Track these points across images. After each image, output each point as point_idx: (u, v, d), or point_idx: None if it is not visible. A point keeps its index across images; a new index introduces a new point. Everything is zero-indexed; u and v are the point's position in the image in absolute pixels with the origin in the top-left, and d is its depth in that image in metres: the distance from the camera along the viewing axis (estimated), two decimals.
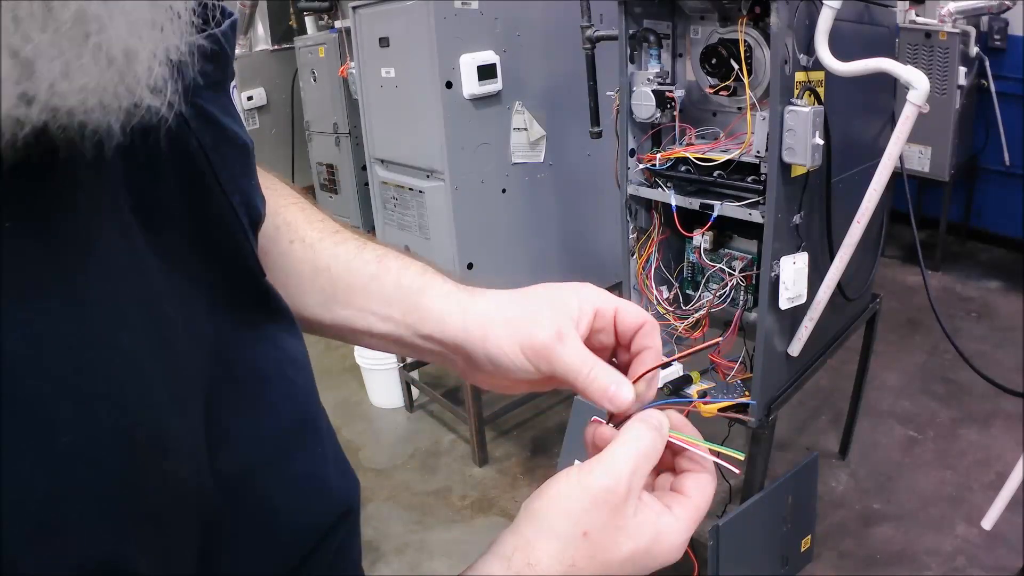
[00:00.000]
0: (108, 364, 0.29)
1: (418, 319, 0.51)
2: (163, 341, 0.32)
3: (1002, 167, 3.74)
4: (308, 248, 0.54)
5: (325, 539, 0.44)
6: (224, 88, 0.41)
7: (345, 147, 3.31)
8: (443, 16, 2.00)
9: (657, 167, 1.60)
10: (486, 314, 0.49)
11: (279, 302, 0.44)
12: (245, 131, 0.43)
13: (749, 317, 1.62)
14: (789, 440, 2.53)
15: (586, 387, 0.46)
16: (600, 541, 0.40)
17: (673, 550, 0.43)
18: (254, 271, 0.41)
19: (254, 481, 0.39)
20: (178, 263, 0.35)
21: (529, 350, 0.47)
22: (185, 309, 0.35)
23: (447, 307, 0.50)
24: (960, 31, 3.30)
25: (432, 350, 0.52)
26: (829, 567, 1.99)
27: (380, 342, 0.54)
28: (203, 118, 0.38)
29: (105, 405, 0.29)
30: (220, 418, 0.36)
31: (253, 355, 0.41)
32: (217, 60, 0.39)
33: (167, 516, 0.32)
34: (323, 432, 0.46)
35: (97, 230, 0.30)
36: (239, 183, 0.40)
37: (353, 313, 0.53)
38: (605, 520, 0.40)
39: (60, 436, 0.27)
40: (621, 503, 0.41)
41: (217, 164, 0.38)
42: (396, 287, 0.52)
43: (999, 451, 2.39)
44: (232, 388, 0.38)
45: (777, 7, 1.31)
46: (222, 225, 0.39)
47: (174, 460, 0.32)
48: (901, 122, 1.30)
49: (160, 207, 0.34)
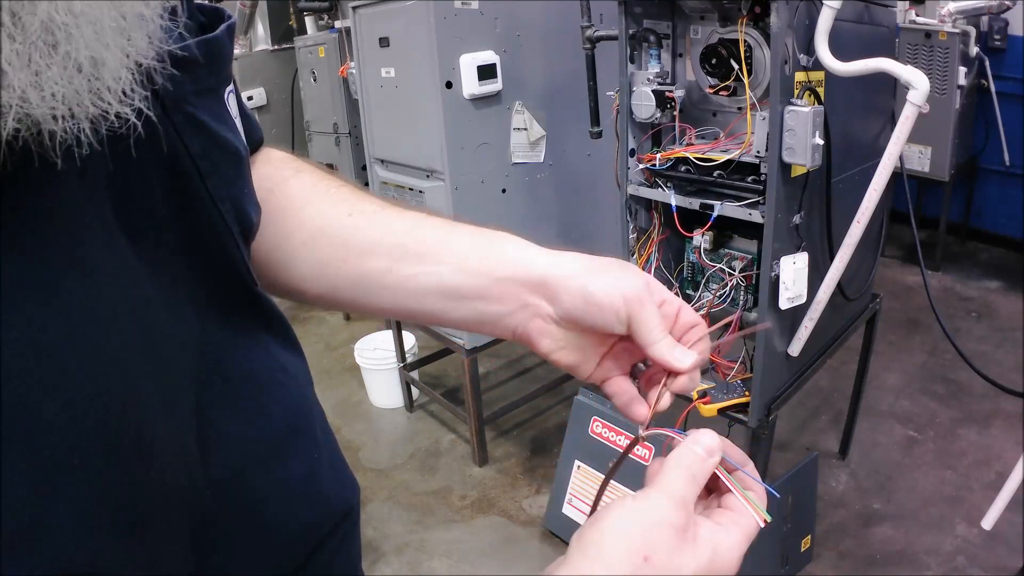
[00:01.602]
0: (93, 368, 0.29)
1: (496, 263, 0.51)
2: (149, 345, 0.32)
3: (1002, 167, 3.74)
4: (369, 216, 0.54)
5: (323, 542, 0.44)
6: (218, 94, 0.41)
7: (345, 147, 3.31)
8: (443, 16, 2.00)
9: (657, 167, 1.60)
10: (579, 259, 0.50)
11: (271, 310, 0.44)
12: (240, 137, 0.43)
13: (749, 317, 1.62)
14: (789, 440, 2.53)
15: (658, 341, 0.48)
16: (663, 564, 0.39)
17: (731, 565, 0.42)
18: (244, 278, 0.41)
19: (245, 484, 0.39)
20: (166, 269, 0.35)
21: (631, 293, 0.48)
22: (173, 314, 0.35)
23: (530, 253, 0.51)
24: (960, 31, 3.30)
25: (502, 297, 0.51)
26: (829, 567, 1.99)
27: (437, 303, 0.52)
28: (193, 125, 0.37)
29: (90, 408, 0.29)
30: (212, 421, 0.36)
31: (243, 360, 0.41)
32: (211, 64, 0.38)
33: (155, 518, 0.32)
34: (318, 438, 0.46)
35: (80, 237, 0.30)
36: (230, 190, 0.40)
37: (422, 271, 0.52)
38: (666, 543, 0.40)
39: (45, 439, 0.27)
40: (681, 525, 0.40)
41: (206, 171, 0.38)
42: (473, 236, 0.52)
43: (999, 451, 2.39)
44: (223, 391, 0.38)
45: (777, 7, 1.31)
46: (211, 232, 0.39)
47: (161, 462, 0.32)
48: (901, 122, 1.30)
49: (146, 214, 0.34)
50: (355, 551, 0.49)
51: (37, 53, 0.25)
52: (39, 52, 0.25)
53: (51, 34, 0.26)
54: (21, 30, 0.25)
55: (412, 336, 2.86)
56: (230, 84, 0.43)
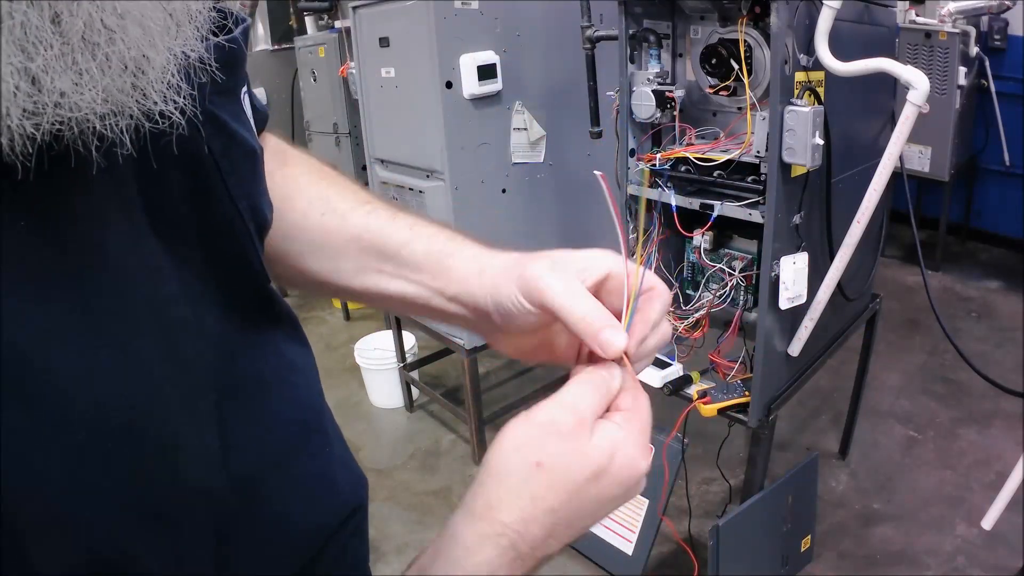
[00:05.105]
0: (119, 365, 0.29)
1: (445, 282, 0.51)
2: (173, 344, 0.33)
3: (1002, 167, 3.74)
4: (341, 218, 0.55)
5: (334, 537, 0.44)
6: (235, 94, 0.42)
7: (345, 147, 3.31)
8: (443, 16, 2.00)
9: (657, 167, 1.60)
10: (497, 267, 0.49)
11: (282, 307, 0.44)
12: (255, 137, 0.44)
13: (749, 317, 1.62)
14: (789, 440, 2.53)
15: (576, 323, 0.43)
16: (556, 467, 0.39)
17: (633, 462, 0.41)
18: (259, 276, 0.42)
19: (264, 483, 0.39)
20: (187, 266, 0.35)
21: (521, 283, 0.45)
22: (193, 312, 0.35)
23: (471, 268, 0.51)
24: (960, 31, 3.30)
25: (459, 314, 0.52)
26: (829, 567, 1.99)
27: (411, 307, 0.54)
28: (214, 124, 0.38)
29: (116, 405, 0.29)
30: (227, 420, 0.37)
31: (259, 359, 0.41)
32: (229, 66, 0.39)
33: (178, 516, 0.32)
34: (330, 434, 0.46)
35: (108, 234, 0.30)
36: (247, 189, 0.41)
37: (386, 279, 0.54)
38: (558, 448, 0.39)
39: (74, 433, 0.27)
40: (572, 430, 0.40)
41: (226, 170, 0.38)
42: (427, 253, 0.52)
43: (999, 451, 2.38)
44: (238, 391, 0.39)
45: (777, 7, 1.31)
46: (229, 230, 0.39)
47: (184, 461, 0.32)
48: (901, 122, 1.30)
49: (170, 212, 0.35)
50: (364, 547, 0.49)
51: (80, 56, 0.25)
52: (81, 55, 0.26)
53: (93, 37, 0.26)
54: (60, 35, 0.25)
55: (412, 336, 2.86)
56: (245, 85, 0.44)
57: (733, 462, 2.24)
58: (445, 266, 0.51)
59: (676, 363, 1.70)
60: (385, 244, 0.53)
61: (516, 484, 0.39)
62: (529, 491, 0.39)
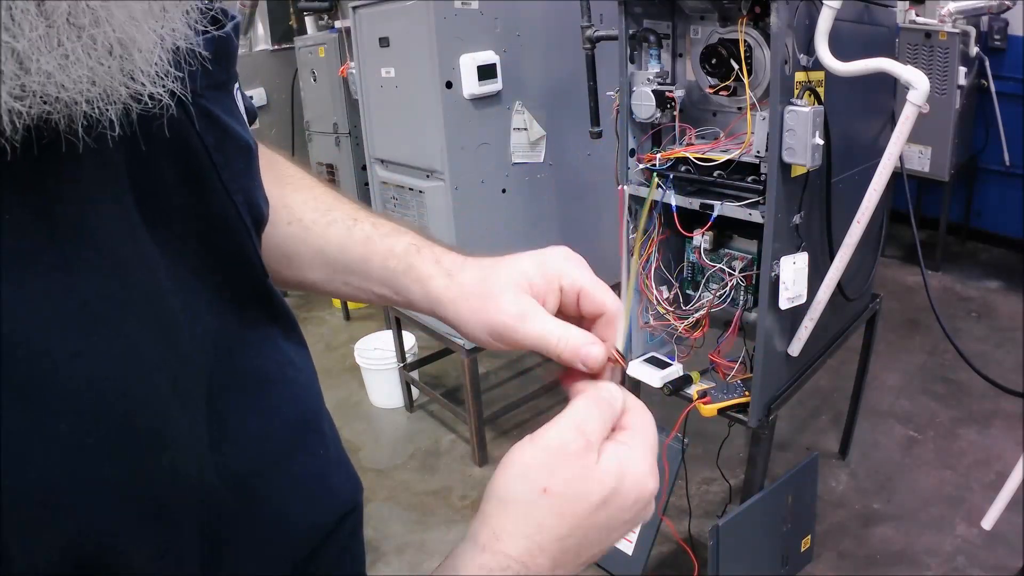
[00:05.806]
0: (109, 351, 0.29)
1: (407, 299, 0.53)
2: (166, 333, 0.33)
3: (1002, 167, 3.74)
4: (305, 230, 0.56)
5: (329, 538, 0.44)
6: (228, 89, 0.42)
7: (345, 147, 3.31)
8: (443, 16, 2.00)
9: (657, 167, 1.60)
10: (456, 300, 0.49)
11: (280, 303, 0.44)
12: (248, 132, 0.44)
13: (749, 317, 1.62)
14: (789, 440, 2.53)
15: (559, 355, 0.45)
16: (564, 494, 0.38)
17: (642, 481, 0.40)
18: (257, 271, 0.42)
19: (260, 481, 0.39)
20: (182, 259, 0.35)
21: (494, 333, 0.47)
22: (189, 305, 0.35)
23: (428, 291, 0.51)
24: (960, 31, 3.30)
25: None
26: (829, 567, 1.99)
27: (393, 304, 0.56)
28: (207, 118, 0.38)
29: (105, 391, 0.29)
30: (222, 415, 0.36)
31: (256, 355, 0.41)
32: (221, 60, 0.39)
33: (167, 510, 0.32)
34: (326, 434, 0.46)
35: (100, 221, 0.30)
36: (242, 183, 0.40)
37: (353, 288, 0.55)
38: (565, 474, 0.39)
39: (59, 421, 0.27)
40: (579, 454, 0.39)
41: (220, 164, 0.38)
42: (383, 269, 0.53)
43: (999, 451, 2.39)
44: (234, 386, 0.38)
45: (777, 7, 1.31)
46: (225, 224, 0.39)
47: (174, 452, 0.32)
48: (901, 122, 1.30)
49: (164, 204, 0.35)
50: (359, 548, 0.49)
51: (64, 37, 0.25)
52: (66, 36, 0.26)
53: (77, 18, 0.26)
54: (44, 17, 0.25)
55: (412, 336, 2.86)
56: (237, 80, 0.44)
57: (733, 462, 2.25)
58: (404, 286, 0.52)
59: (676, 363, 1.70)
60: (348, 261, 0.54)
61: (522, 511, 0.38)
62: (536, 519, 0.38)
